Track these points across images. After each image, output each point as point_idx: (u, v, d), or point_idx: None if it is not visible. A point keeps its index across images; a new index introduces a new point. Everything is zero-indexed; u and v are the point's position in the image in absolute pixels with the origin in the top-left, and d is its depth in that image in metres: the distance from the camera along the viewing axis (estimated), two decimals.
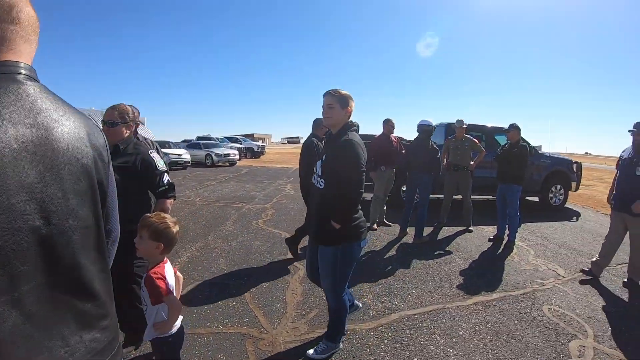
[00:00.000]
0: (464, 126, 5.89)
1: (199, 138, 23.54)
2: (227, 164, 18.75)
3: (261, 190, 9.64)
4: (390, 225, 6.17)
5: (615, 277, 4.33)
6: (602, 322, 3.19)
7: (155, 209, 2.19)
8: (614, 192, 4.06)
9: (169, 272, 1.75)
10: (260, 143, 28.28)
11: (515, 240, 5.41)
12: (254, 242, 4.95)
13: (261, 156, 27.03)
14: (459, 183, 5.98)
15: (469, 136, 5.99)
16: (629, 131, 3.80)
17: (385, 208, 6.25)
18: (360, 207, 2.18)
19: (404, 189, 6.81)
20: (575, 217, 7.52)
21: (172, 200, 2.30)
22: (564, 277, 4.24)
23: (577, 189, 8.21)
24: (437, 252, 5.05)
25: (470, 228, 6.11)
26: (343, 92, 2.14)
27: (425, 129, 5.26)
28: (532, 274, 4.31)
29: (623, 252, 4.98)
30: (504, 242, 5.44)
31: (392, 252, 5.01)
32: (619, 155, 4.09)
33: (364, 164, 2.07)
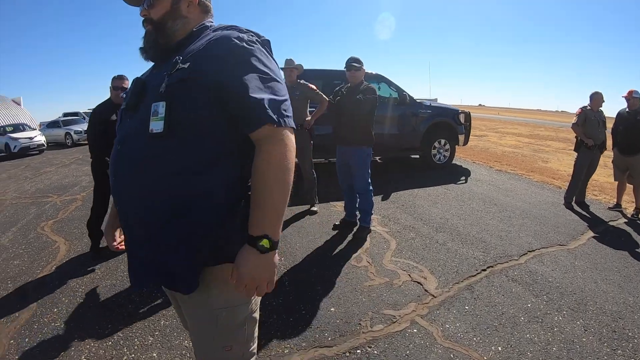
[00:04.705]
0: (295, 67, 3.85)
1: (65, 114, 19.86)
2: None
3: None
4: None
5: (515, 284, 2.62)
6: None
7: None
8: None
9: None
10: None
11: (372, 226, 3.54)
12: (13, 261, 3.23)
13: None
14: None
15: (303, 81, 3.90)
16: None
17: None
18: None
19: None
20: (464, 178, 6.04)
21: None
22: (434, 297, 2.45)
23: (465, 142, 6.87)
24: None
25: (313, 208, 4.16)
26: None
27: None
28: (381, 297, 2.49)
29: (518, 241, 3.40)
30: (355, 229, 3.55)
31: None
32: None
33: None
